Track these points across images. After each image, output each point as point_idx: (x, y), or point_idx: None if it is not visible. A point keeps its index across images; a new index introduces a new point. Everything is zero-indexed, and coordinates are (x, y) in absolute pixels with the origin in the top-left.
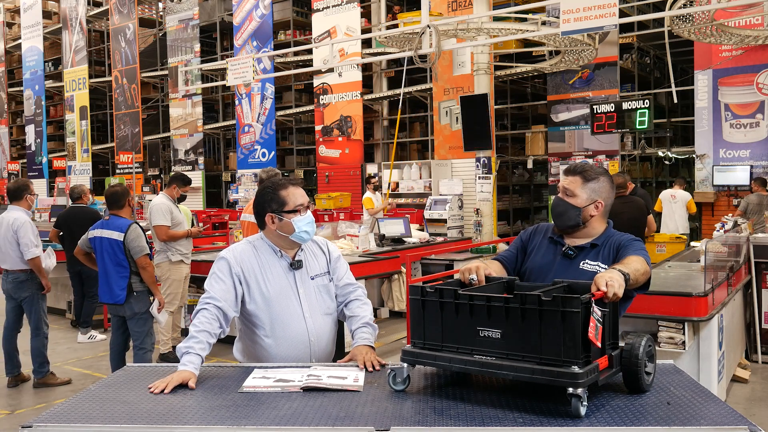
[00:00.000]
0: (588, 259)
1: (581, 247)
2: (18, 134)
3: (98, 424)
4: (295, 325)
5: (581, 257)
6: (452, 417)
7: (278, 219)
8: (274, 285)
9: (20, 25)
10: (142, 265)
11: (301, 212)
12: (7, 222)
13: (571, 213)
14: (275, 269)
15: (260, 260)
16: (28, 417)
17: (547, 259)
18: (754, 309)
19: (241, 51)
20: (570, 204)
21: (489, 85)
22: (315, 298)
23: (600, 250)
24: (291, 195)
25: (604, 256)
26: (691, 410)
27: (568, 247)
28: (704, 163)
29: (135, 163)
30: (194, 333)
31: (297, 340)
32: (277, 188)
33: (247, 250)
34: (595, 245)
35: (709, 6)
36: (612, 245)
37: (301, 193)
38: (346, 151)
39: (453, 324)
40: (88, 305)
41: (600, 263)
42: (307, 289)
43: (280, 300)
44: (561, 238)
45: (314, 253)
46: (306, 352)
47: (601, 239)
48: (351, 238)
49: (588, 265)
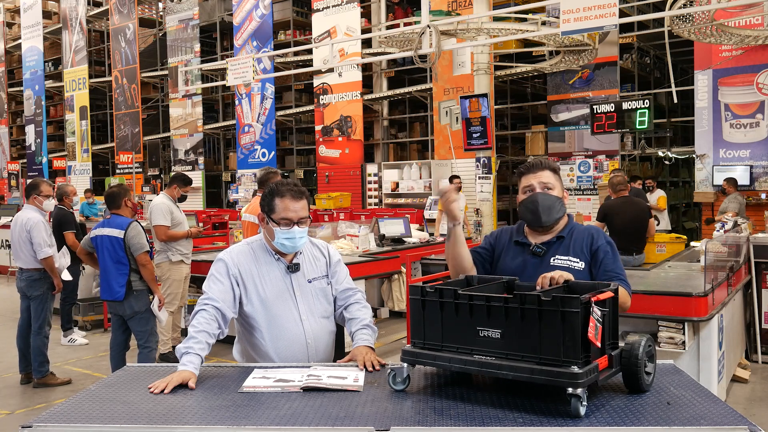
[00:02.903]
0: (558, 255)
1: (548, 242)
2: (18, 134)
3: (98, 424)
4: (291, 328)
5: (550, 253)
6: (452, 417)
7: (266, 222)
8: (270, 287)
9: (20, 25)
10: (142, 263)
11: (281, 225)
12: (21, 222)
13: (557, 205)
14: (272, 272)
15: (258, 262)
16: (28, 417)
17: (517, 261)
18: (754, 309)
19: (241, 51)
20: (556, 196)
21: (489, 85)
22: (312, 301)
23: (568, 244)
24: (281, 205)
25: (575, 251)
26: (691, 410)
27: (536, 245)
28: (704, 163)
29: (135, 163)
30: (193, 333)
31: (294, 342)
32: (275, 193)
33: (244, 252)
34: (561, 237)
35: (709, 6)
36: (585, 243)
37: (295, 207)
38: (346, 151)
39: (453, 324)
40: (63, 307)
41: (571, 257)
42: (304, 291)
43: (277, 302)
44: (526, 238)
45: (314, 256)
46: (303, 354)
47: (565, 231)
48: (351, 238)
49: (559, 260)
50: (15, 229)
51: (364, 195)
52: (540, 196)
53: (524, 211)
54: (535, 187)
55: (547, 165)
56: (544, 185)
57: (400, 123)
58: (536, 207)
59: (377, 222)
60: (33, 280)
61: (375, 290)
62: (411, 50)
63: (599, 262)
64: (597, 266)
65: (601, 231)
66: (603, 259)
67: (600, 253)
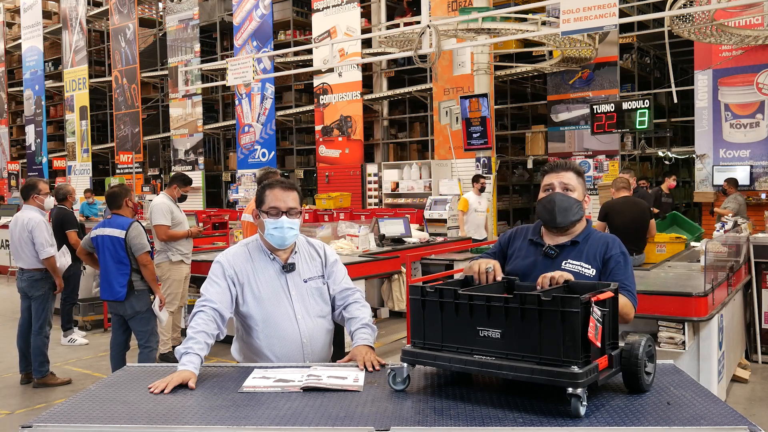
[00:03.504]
0: (570, 258)
1: (562, 245)
2: (18, 134)
3: (98, 424)
4: (286, 327)
5: (563, 256)
6: (452, 417)
7: (258, 216)
8: (265, 287)
9: (20, 25)
10: (143, 263)
11: (270, 214)
12: (22, 222)
13: (575, 207)
14: (267, 271)
15: (253, 262)
16: (28, 417)
17: (529, 261)
18: (754, 309)
19: (241, 51)
20: (574, 198)
21: (489, 85)
22: (308, 301)
23: (583, 249)
24: (270, 196)
25: (588, 257)
26: (691, 410)
27: (549, 246)
28: (704, 163)
29: (135, 163)
30: (192, 334)
31: (289, 341)
32: (266, 186)
33: (240, 253)
34: (576, 242)
35: (709, 6)
36: (598, 251)
37: (283, 197)
38: (346, 151)
39: (453, 324)
40: (64, 307)
41: (583, 263)
42: (300, 291)
43: (272, 301)
44: (541, 239)
45: (310, 255)
46: (299, 353)
47: (581, 236)
48: (351, 238)
49: (570, 264)
50: (15, 229)
51: (364, 195)
52: (558, 196)
53: (541, 209)
54: (556, 187)
55: (571, 166)
56: (564, 186)
57: (400, 123)
58: (553, 207)
59: (377, 222)
60: (35, 280)
61: (375, 290)
62: (411, 50)
63: (609, 271)
64: (606, 275)
65: (617, 240)
66: (613, 269)
67: (611, 263)
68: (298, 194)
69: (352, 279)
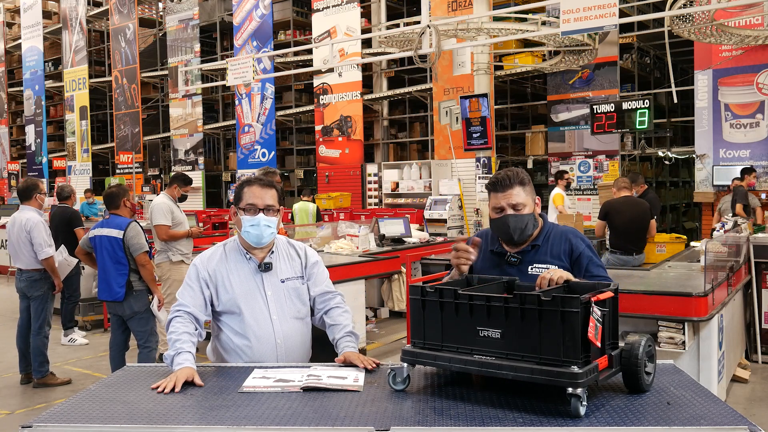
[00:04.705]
0: (535, 263)
1: (523, 251)
2: (18, 134)
3: (98, 424)
4: (260, 327)
5: (527, 261)
6: (452, 417)
7: (234, 213)
8: (239, 286)
9: (20, 25)
10: (142, 263)
11: (247, 212)
12: (20, 222)
13: (530, 224)
14: (242, 271)
15: (228, 262)
16: (28, 417)
17: (495, 272)
18: (754, 309)
19: (241, 51)
20: (525, 215)
21: (489, 85)
22: (284, 301)
23: (546, 249)
24: (248, 193)
25: (553, 255)
26: (691, 410)
27: (510, 254)
28: (704, 163)
29: (135, 163)
30: (176, 337)
31: (262, 341)
32: (244, 183)
33: (215, 254)
34: (537, 245)
35: (709, 6)
36: (563, 249)
37: (261, 194)
38: (346, 151)
39: (453, 324)
40: (66, 307)
41: (549, 265)
42: (276, 291)
43: (247, 301)
44: (501, 247)
45: (289, 256)
46: (272, 354)
47: (540, 239)
48: (351, 238)
49: (537, 268)
50: (13, 230)
51: (364, 195)
52: (511, 219)
53: (497, 230)
54: (505, 209)
55: (514, 181)
56: (512, 206)
57: (400, 123)
58: (508, 229)
59: (377, 222)
60: (33, 280)
61: (375, 290)
62: (411, 50)
63: (583, 268)
64: (581, 273)
65: (578, 233)
66: (587, 266)
67: (583, 260)
68: (276, 192)
69: (352, 279)
